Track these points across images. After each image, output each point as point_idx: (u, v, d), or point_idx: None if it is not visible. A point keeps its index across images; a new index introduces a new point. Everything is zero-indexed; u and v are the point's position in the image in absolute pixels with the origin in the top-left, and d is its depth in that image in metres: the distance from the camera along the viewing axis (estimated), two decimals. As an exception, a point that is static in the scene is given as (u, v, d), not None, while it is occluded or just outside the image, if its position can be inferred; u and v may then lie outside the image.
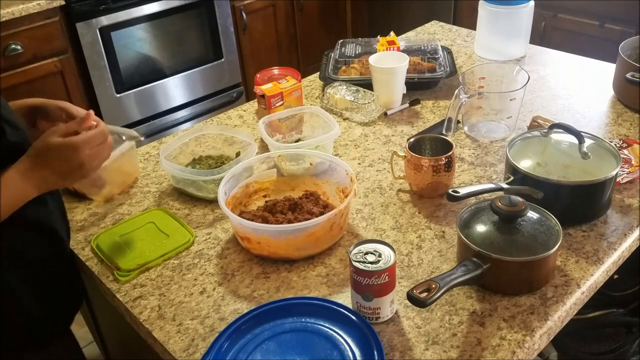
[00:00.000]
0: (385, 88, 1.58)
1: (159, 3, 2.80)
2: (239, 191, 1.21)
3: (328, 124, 1.37)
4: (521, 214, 0.99)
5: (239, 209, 1.20)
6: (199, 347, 0.94)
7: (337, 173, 1.21)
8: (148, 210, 1.27)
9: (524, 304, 0.97)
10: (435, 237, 1.14)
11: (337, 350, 0.89)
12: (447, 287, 0.91)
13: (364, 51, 1.83)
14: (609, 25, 2.52)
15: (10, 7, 2.40)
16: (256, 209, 1.20)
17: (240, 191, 1.22)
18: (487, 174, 1.31)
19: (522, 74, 1.42)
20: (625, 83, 1.42)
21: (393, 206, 1.23)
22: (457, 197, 1.06)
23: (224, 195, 1.14)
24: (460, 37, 2.03)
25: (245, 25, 3.17)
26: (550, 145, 1.19)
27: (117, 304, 1.06)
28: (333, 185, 1.22)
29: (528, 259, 0.96)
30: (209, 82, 3.14)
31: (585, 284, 1.01)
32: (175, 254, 1.14)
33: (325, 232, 1.08)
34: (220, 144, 1.42)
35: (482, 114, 1.44)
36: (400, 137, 1.48)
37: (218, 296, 1.04)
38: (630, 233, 1.11)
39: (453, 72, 1.68)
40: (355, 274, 0.92)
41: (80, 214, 1.28)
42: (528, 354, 0.91)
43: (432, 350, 0.90)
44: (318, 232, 1.06)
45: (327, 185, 1.24)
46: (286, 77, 1.56)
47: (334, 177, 1.22)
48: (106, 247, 1.16)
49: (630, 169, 1.24)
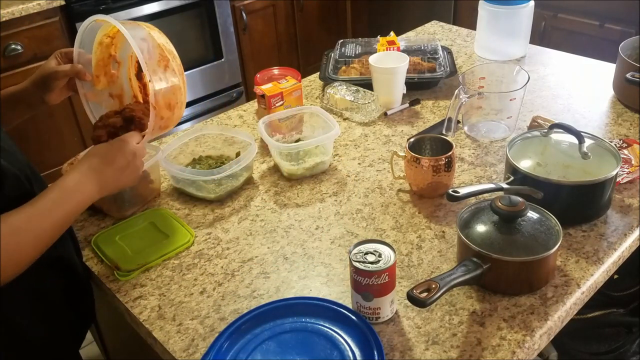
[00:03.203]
0: (385, 88, 1.58)
1: (159, 3, 2.80)
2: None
3: (328, 124, 1.37)
4: (521, 214, 0.99)
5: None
6: (199, 347, 0.94)
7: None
8: (148, 210, 1.27)
9: (524, 304, 0.97)
10: (435, 237, 1.14)
11: (337, 350, 0.89)
12: (447, 287, 0.91)
13: (364, 51, 1.83)
14: (609, 25, 2.52)
15: (10, 7, 2.40)
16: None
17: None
18: (487, 174, 1.31)
19: (522, 74, 1.42)
20: (625, 83, 1.42)
21: (393, 206, 1.23)
22: (457, 197, 1.06)
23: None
24: (460, 37, 2.03)
25: (245, 25, 3.17)
26: (550, 145, 1.19)
27: (117, 304, 1.06)
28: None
29: (528, 259, 0.96)
30: (209, 82, 3.14)
31: (585, 284, 1.01)
32: (175, 254, 1.14)
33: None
34: (220, 144, 1.42)
35: (482, 114, 1.44)
36: (400, 137, 1.48)
37: (218, 296, 1.04)
38: (630, 233, 1.11)
39: (453, 72, 1.68)
40: (355, 274, 0.92)
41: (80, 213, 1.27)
42: (528, 354, 0.91)
43: (432, 350, 0.90)
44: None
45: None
46: (286, 77, 1.56)
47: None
48: (106, 247, 1.16)
49: (630, 169, 1.24)
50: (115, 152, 1.00)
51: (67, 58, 1.11)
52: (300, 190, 1.31)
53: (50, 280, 1.05)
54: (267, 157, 1.43)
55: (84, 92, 1.14)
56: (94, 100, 1.17)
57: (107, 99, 1.18)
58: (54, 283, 1.06)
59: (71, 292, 1.10)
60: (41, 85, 1.10)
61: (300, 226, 1.19)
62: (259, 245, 1.15)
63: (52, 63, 1.10)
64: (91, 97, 1.16)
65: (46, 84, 1.09)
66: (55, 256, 1.03)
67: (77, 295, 1.13)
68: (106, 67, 1.16)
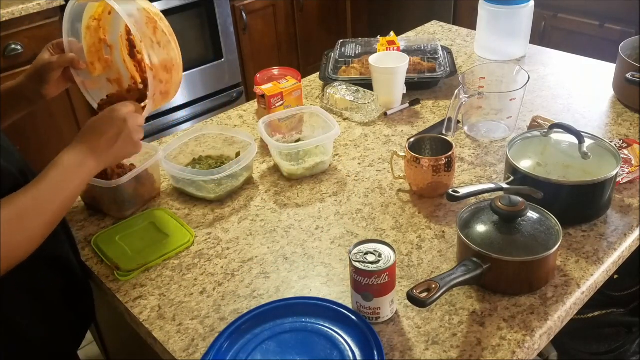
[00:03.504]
0: (385, 88, 1.58)
1: (159, 3, 2.80)
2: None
3: (328, 124, 1.37)
4: (521, 214, 0.99)
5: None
6: (199, 347, 0.94)
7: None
8: (148, 210, 1.27)
9: (524, 304, 0.97)
10: (435, 237, 1.14)
11: (337, 350, 0.89)
12: (447, 287, 0.91)
13: (364, 51, 1.83)
14: (609, 25, 2.52)
15: (10, 7, 2.40)
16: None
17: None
18: (487, 174, 1.31)
19: (522, 74, 1.42)
20: (625, 83, 1.42)
21: (393, 206, 1.23)
22: (457, 197, 1.06)
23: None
24: (460, 37, 2.03)
25: (245, 25, 3.17)
26: (550, 145, 1.19)
27: (117, 304, 1.06)
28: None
29: (528, 259, 0.96)
30: (209, 82, 3.14)
31: (585, 284, 1.01)
32: (175, 254, 1.14)
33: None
34: (220, 144, 1.42)
35: (482, 114, 1.44)
36: (400, 137, 1.48)
37: (218, 296, 1.04)
38: (630, 233, 1.11)
39: (453, 72, 1.68)
40: (355, 274, 0.92)
41: (80, 213, 1.28)
42: (528, 354, 0.91)
43: (432, 350, 0.90)
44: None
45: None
46: (286, 77, 1.56)
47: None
48: (106, 247, 1.15)
49: (630, 169, 1.24)
50: (105, 122, 0.99)
51: (60, 49, 1.11)
52: (300, 190, 1.31)
53: (48, 280, 1.05)
54: (267, 157, 1.43)
55: (82, 81, 1.13)
56: (93, 87, 1.16)
57: (106, 85, 1.18)
58: (52, 283, 1.06)
59: (70, 291, 1.10)
60: (37, 78, 1.09)
61: (300, 226, 1.19)
62: (259, 245, 1.15)
63: (45, 55, 1.10)
64: (89, 85, 1.15)
65: (41, 76, 1.08)
66: (52, 256, 1.03)
67: (75, 295, 1.12)
68: (99, 52, 1.15)
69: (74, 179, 0.93)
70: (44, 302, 1.04)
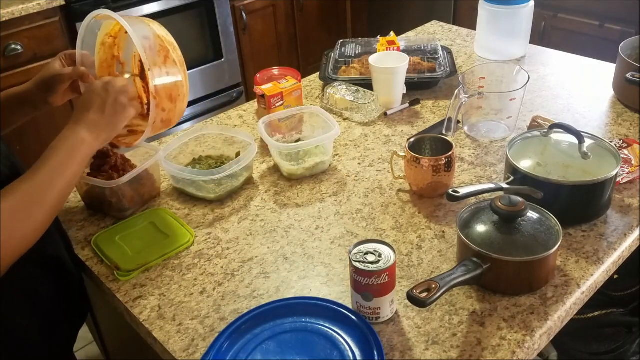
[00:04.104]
0: (385, 88, 1.58)
1: (159, 3, 2.80)
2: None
3: (328, 124, 1.37)
4: (521, 214, 0.99)
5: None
6: (199, 347, 0.94)
7: None
8: (148, 210, 1.27)
9: (524, 304, 0.97)
10: (435, 237, 1.14)
11: (337, 350, 0.89)
12: (447, 287, 0.91)
13: (364, 51, 1.83)
14: (609, 25, 2.52)
15: (10, 7, 2.40)
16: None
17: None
18: (487, 174, 1.31)
19: (522, 74, 1.42)
20: (625, 83, 1.42)
21: (393, 206, 1.23)
22: (457, 197, 1.06)
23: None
24: (460, 37, 2.03)
25: (245, 25, 3.17)
26: (550, 145, 1.19)
27: (117, 304, 1.06)
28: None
29: (528, 259, 0.96)
30: (209, 82, 3.14)
31: (585, 284, 1.01)
32: (175, 254, 1.14)
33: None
34: (220, 144, 1.42)
35: (482, 114, 1.44)
36: (400, 137, 1.48)
37: (218, 296, 1.04)
38: (630, 233, 1.11)
39: (453, 72, 1.68)
40: (355, 274, 0.92)
41: (80, 213, 1.28)
42: (528, 354, 0.91)
43: (432, 350, 0.90)
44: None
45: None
46: (286, 77, 1.56)
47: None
48: (106, 247, 1.15)
49: (630, 169, 1.24)
50: (87, 97, 1.00)
51: (71, 60, 1.11)
52: (300, 190, 1.31)
53: (42, 280, 1.05)
54: (267, 157, 1.43)
55: None
56: None
57: None
58: (46, 282, 1.06)
59: (64, 291, 1.10)
60: (44, 87, 1.09)
61: (300, 226, 1.19)
62: (259, 245, 1.15)
63: (56, 65, 1.10)
64: None
65: (50, 86, 1.09)
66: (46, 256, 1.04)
67: (70, 294, 1.13)
68: (110, 68, 1.16)
69: (75, 158, 0.94)
70: (38, 302, 1.04)
